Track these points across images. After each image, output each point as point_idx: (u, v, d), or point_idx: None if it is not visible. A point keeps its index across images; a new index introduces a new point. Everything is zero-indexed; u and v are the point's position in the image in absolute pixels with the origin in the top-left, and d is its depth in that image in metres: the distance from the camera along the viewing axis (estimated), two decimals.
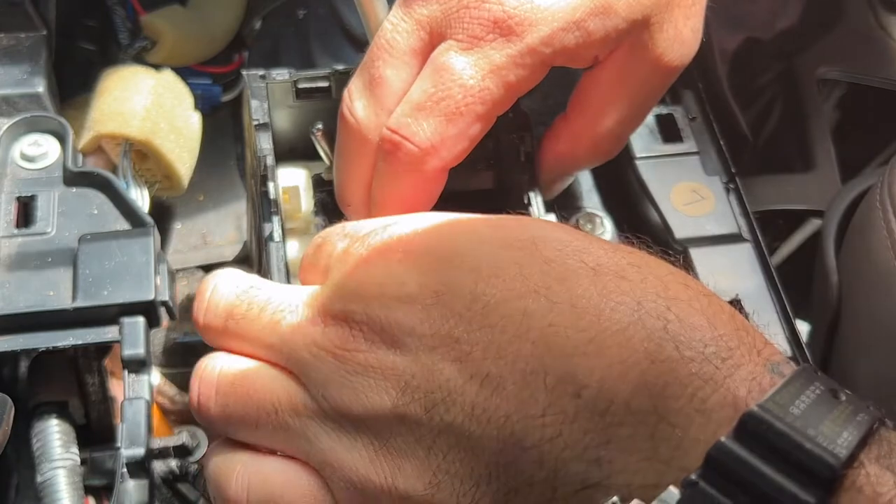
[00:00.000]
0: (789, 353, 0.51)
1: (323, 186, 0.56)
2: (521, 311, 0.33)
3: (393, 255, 0.36)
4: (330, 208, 0.56)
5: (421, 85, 0.45)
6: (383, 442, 0.34)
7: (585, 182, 0.60)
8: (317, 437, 0.35)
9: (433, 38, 0.46)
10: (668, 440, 0.29)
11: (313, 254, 0.41)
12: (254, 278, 0.41)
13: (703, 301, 0.33)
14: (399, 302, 0.35)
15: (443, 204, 0.58)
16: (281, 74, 0.55)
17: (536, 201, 0.53)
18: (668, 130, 0.58)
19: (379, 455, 0.34)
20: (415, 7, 0.46)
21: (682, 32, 0.48)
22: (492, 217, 0.39)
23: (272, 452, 0.37)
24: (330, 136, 0.53)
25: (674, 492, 0.28)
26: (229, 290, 0.40)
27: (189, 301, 0.66)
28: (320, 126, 0.53)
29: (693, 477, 0.28)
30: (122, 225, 0.51)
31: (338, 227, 0.41)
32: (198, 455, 0.55)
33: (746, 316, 0.52)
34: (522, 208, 0.53)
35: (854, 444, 0.28)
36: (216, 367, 0.39)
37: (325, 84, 0.56)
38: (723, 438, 0.28)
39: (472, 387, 0.32)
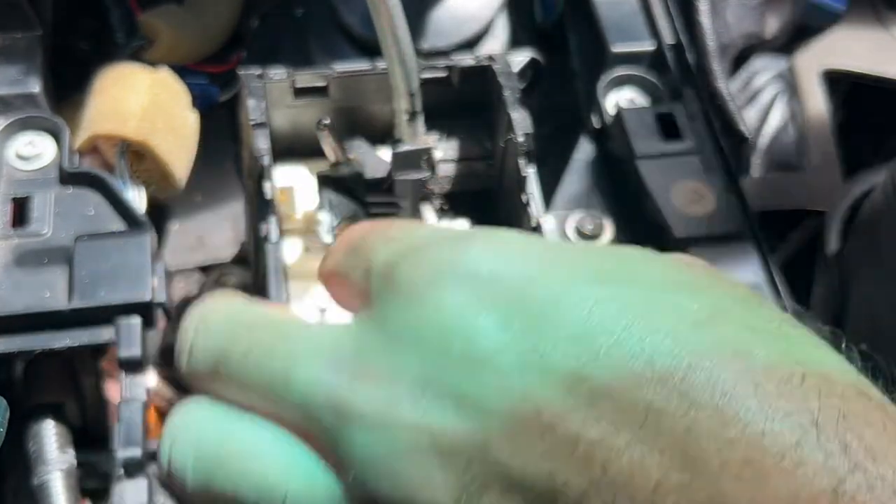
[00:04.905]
0: None
1: (328, 184, 0.56)
2: None
3: (466, 290, 0.26)
4: (336, 205, 0.55)
5: None
6: None
7: (585, 182, 0.60)
8: None
9: None
10: None
11: (343, 258, 0.31)
12: (257, 312, 0.32)
13: None
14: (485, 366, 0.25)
15: (442, 202, 0.58)
16: (278, 73, 0.55)
17: (536, 201, 0.53)
18: (668, 129, 0.58)
19: None
20: None
21: None
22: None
23: None
24: (335, 132, 0.53)
25: None
26: (219, 327, 0.31)
27: (187, 303, 0.66)
28: (327, 121, 0.52)
29: None
30: (119, 225, 0.51)
31: (381, 227, 0.31)
32: None
33: None
34: (522, 208, 0.53)
35: None
36: (195, 427, 0.29)
37: (322, 83, 0.56)
38: None
39: None
